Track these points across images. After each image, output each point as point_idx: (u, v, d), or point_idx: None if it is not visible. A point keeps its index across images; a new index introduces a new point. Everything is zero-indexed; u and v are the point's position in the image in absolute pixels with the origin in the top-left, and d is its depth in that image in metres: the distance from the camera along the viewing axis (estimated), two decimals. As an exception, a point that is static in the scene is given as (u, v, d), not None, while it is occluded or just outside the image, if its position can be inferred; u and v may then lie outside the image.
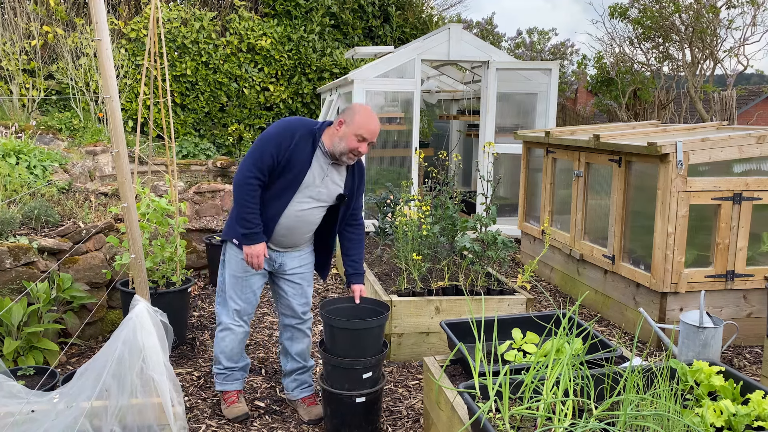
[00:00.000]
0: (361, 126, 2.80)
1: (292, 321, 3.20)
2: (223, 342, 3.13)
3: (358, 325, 2.90)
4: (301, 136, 2.84)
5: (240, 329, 3.11)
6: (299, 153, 2.83)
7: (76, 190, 5.34)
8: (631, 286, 4.45)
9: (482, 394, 2.20)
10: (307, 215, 2.96)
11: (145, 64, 4.04)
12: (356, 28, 11.08)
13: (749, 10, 10.08)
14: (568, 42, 18.14)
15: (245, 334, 3.16)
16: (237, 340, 3.13)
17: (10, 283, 3.53)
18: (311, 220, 3.00)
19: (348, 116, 2.84)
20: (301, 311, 3.19)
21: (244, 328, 3.13)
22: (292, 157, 2.82)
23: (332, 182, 2.96)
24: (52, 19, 9.25)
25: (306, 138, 2.85)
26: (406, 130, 7.00)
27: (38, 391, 2.49)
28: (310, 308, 3.25)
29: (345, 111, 2.89)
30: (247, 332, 3.16)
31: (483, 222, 4.26)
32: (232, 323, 3.09)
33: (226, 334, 3.12)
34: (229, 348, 3.13)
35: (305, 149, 2.85)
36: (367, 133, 2.82)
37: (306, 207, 2.93)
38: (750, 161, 4.16)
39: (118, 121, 2.72)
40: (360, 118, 2.82)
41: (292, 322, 3.20)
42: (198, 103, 9.65)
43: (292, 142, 2.82)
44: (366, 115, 2.84)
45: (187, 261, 5.45)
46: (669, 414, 1.88)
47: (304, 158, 2.84)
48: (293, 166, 2.83)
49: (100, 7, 2.58)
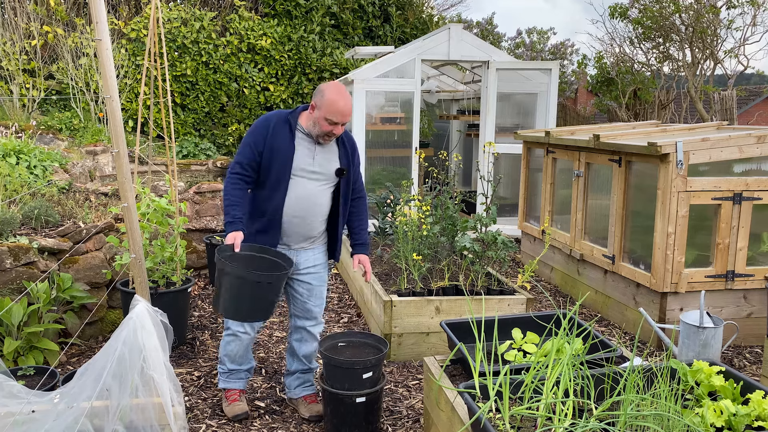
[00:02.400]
0: (330, 109, 2.79)
1: (306, 323, 3.18)
2: (229, 346, 3.16)
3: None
4: (276, 124, 2.91)
5: (246, 336, 3.12)
6: (278, 139, 2.88)
7: (77, 190, 5.34)
8: (631, 286, 4.45)
9: (482, 394, 2.20)
10: (311, 198, 2.95)
11: (145, 64, 4.04)
12: (356, 28, 11.08)
13: (749, 10, 10.08)
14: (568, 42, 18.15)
15: (251, 340, 3.17)
16: (242, 346, 3.14)
17: (11, 283, 3.53)
18: (317, 202, 2.97)
19: (317, 99, 2.84)
20: (315, 312, 3.17)
21: (249, 335, 3.14)
22: (273, 144, 2.88)
23: (325, 159, 2.96)
24: (52, 19, 9.25)
25: (281, 125, 2.91)
26: (406, 130, 7.00)
27: (38, 391, 2.49)
28: (323, 310, 3.23)
29: (315, 93, 2.87)
30: (252, 338, 3.17)
31: (483, 222, 4.26)
32: (239, 330, 3.11)
33: (231, 340, 3.14)
34: (234, 352, 3.16)
35: (283, 134, 2.89)
36: (336, 115, 2.79)
37: (307, 190, 2.93)
38: (750, 161, 4.16)
39: (118, 121, 2.72)
40: (327, 101, 2.78)
41: (305, 325, 3.18)
42: (198, 103, 9.65)
43: (268, 131, 2.89)
44: (333, 98, 2.79)
45: (187, 261, 5.45)
46: (669, 414, 1.88)
47: (286, 143, 2.88)
48: (277, 152, 2.88)
49: (100, 7, 2.58)
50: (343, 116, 2.81)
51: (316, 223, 3.03)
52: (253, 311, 2.78)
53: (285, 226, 2.97)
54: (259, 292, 2.70)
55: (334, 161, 2.99)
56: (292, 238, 3.02)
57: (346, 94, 2.84)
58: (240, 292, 2.69)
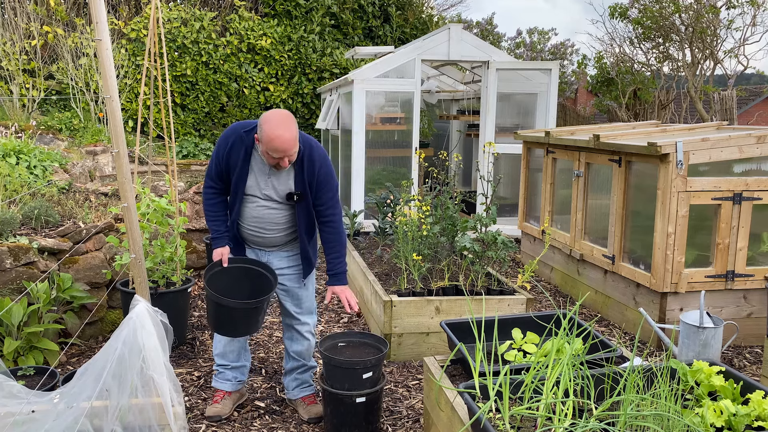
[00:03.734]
0: (268, 146, 2.68)
1: (290, 321, 3.20)
2: (217, 337, 3.20)
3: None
4: (233, 142, 2.89)
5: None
6: (234, 158, 2.89)
7: (76, 190, 5.34)
8: (631, 286, 4.45)
9: (482, 394, 2.20)
10: (264, 216, 2.96)
11: (145, 64, 4.04)
12: (356, 28, 11.08)
13: (749, 11, 10.08)
14: (568, 42, 18.14)
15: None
16: (228, 340, 3.16)
17: (10, 283, 3.53)
18: (272, 219, 2.97)
19: (259, 132, 2.73)
20: (293, 312, 3.17)
21: None
22: (229, 161, 2.90)
23: (278, 182, 2.91)
24: (52, 19, 9.25)
25: (238, 143, 2.88)
26: (406, 130, 7.00)
27: (38, 391, 2.49)
28: (309, 312, 3.21)
29: (258, 124, 2.74)
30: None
31: (483, 222, 4.26)
32: None
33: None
34: (222, 344, 3.19)
35: (239, 153, 2.88)
36: (276, 152, 2.69)
37: (261, 209, 2.95)
38: (750, 161, 4.16)
39: (118, 121, 2.72)
40: (266, 137, 2.67)
41: (290, 322, 3.20)
42: (198, 103, 9.65)
43: (226, 147, 2.90)
44: (270, 135, 2.65)
45: (187, 261, 5.45)
46: (669, 414, 1.88)
47: (240, 162, 2.88)
48: (232, 169, 2.91)
49: (100, 7, 2.58)
50: (283, 152, 2.68)
51: (275, 238, 3.04)
52: (234, 330, 2.95)
53: (244, 234, 3.06)
54: (238, 315, 2.85)
55: (289, 183, 2.91)
56: (255, 244, 3.08)
57: (286, 126, 2.67)
58: (218, 315, 2.86)
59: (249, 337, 3.26)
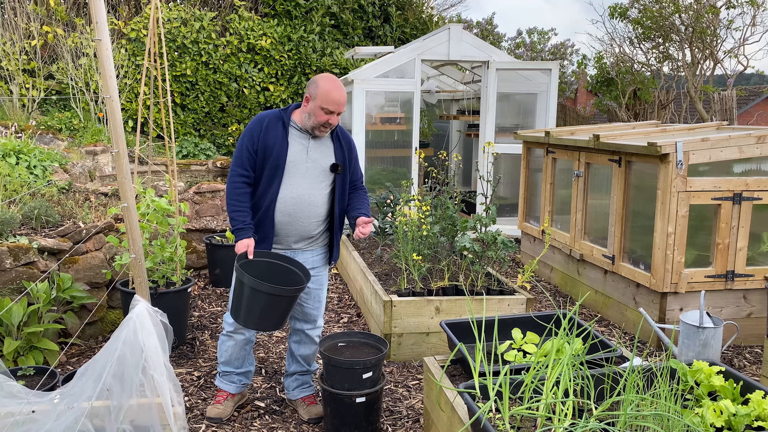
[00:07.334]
0: (325, 99, 2.82)
1: (304, 326, 3.18)
2: (224, 346, 3.16)
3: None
4: (269, 122, 2.92)
5: (240, 336, 3.12)
6: (271, 137, 2.89)
7: (76, 190, 5.34)
8: (631, 286, 4.45)
9: (482, 394, 2.20)
10: (303, 197, 2.92)
11: (145, 64, 4.04)
12: (356, 28, 11.07)
13: (749, 11, 10.08)
14: (568, 42, 18.13)
15: (246, 341, 3.15)
16: (237, 347, 3.14)
17: (10, 283, 3.53)
18: (311, 201, 2.94)
19: (312, 90, 2.86)
20: (314, 316, 3.16)
21: (244, 336, 3.13)
22: (267, 142, 2.88)
23: (319, 154, 2.96)
24: (52, 19, 9.25)
25: (274, 122, 2.92)
26: (406, 130, 7.00)
27: (38, 392, 2.49)
28: (322, 313, 3.23)
29: (309, 85, 2.90)
30: (248, 339, 3.15)
31: (483, 222, 4.26)
32: (232, 330, 3.11)
33: (225, 340, 3.15)
34: (228, 353, 3.16)
35: (276, 131, 2.90)
36: (331, 104, 2.82)
37: (300, 188, 2.92)
38: (750, 161, 4.16)
39: (118, 121, 2.72)
40: (322, 90, 2.82)
41: (303, 327, 3.18)
42: (198, 103, 9.65)
43: (262, 129, 2.90)
44: (328, 87, 2.83)
45: (187, 261, 5.45)
46: (669, 414, 1.88)
47: (279, 140, 2.89)
48: (271, 149, 2.88)
49: (100, 7, 2.58)
50: (338, 105, 2.83)
51: (310, 224, 2.98)
52: (266, 320, 2.79)
53: (277, 225, 2.95)
54: (275, 303, 2.71)
55: (329, 156, 2.99)
56: (287, 237, 2.98)
57: (339, 84, 2.87)
58: (252, 303, 2.71)
59: (254, 341, 3.25)
